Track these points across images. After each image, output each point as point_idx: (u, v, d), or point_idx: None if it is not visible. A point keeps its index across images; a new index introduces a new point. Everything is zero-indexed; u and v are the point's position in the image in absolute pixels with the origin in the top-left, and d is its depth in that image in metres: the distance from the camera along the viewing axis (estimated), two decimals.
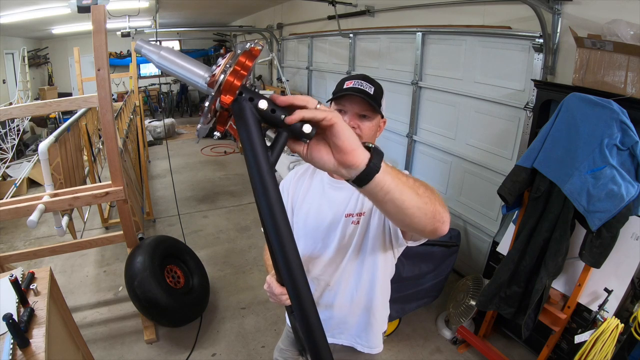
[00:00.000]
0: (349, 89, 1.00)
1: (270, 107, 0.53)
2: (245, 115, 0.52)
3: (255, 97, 0.52)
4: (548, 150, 1.82)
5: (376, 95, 1.01)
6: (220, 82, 0.50)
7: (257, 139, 0.52)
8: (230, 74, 0.50)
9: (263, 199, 0.52)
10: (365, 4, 3.87)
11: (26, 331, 1.16)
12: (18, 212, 1.94)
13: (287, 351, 1.34)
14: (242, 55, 0.52)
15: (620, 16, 1.75)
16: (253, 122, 0.52)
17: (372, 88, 1.01)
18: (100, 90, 1.91)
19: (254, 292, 2.90)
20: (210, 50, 10.83)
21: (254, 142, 0.52)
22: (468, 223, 2.98)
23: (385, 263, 1.11)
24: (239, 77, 0.50)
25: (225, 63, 0.52)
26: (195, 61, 0.56)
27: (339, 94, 1.01)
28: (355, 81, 1.02)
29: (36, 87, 7.90)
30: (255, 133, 0.52)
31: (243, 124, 0.52)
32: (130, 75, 5.05)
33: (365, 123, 1.01)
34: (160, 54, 0.56)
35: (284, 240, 0.52)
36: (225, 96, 0.51)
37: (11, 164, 5.09)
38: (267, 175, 0.52)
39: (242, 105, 0.52)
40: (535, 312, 1.90)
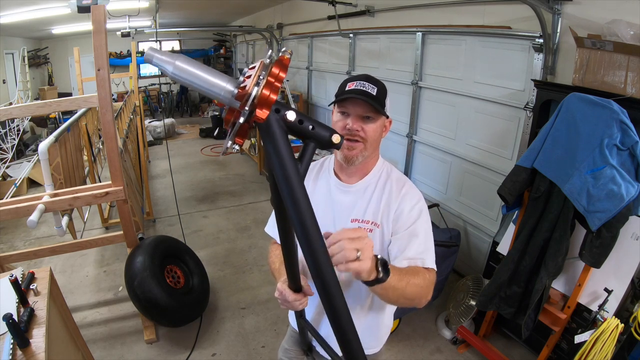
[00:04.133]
0: (352, 91, 0.98)
1: (298, 118, 0.51)
2: (273, 128, 0.50)
3: (281, 108, 0.50)
4: (548, 150, 1.82)
5: (379, 96, 0.99)
6: (255, 95, 0.47)
7: (286, 152, 0.50)
8: (265, 87, 0.47)
9: (294, 211, 0.52)
10: (365, 4, 3.87)
11: (26, 331, 1.16)
12: (18, 212, 1.94)
13: (291, 351, 1.34)
14: (275, 65, 0.48)
15: (620, 16, 1.75)
16: (280, 134, 0.50)
17: (375, 89, 0.99)
18: (100, 90, 1.91)
19: (254, 292, 2.90)
20: (210, 50, 10.84)
21: (283, 156, 0.50)
22: (468, 223, 2.98)
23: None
24: (274, 90, 0.47)
25: (258, 75, 0.48)
26: (215, 71, 0.52)
27: (341, 97, 0.99)
28: (357, 82, 1.00)
29: (36, 87, 7.90)
30: (283, 146, 0.50)
31: (270, 137, 0.50)
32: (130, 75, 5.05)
33: (369, 125, 1.00)
34: (176, 65, 0.49)
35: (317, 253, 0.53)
36: (261, 110, 0.47)
37: (11, 164, 5.09)
38: (298, 187, 0.52)
39: (269, 117, 0.49)
40: (535, 312, 1.90)
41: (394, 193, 1.04)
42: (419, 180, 3.51)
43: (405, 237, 0.99)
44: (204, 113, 9.90)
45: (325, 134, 0.54)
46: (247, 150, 6.19)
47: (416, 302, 0.93)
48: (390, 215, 1.02)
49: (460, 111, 2.95)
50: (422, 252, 0.98)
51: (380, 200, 1.04)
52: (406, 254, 0.97)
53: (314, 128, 0.53)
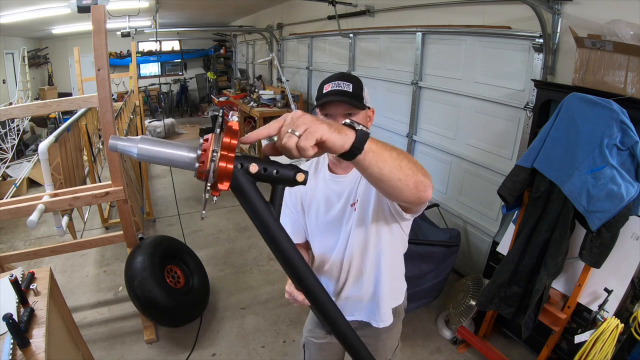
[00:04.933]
0: (329, 94, 1.03)
1: (261, 168, 0.55)
2: (241, 183, 0.54)
3: (244, 162, 0.54)
4: (548, 150, 1.82)
5: (355, 92, 1.03)
6: (213, 170, 0.50)
7: (256, 201, 0.55)
8: (221, 160, 0.50)
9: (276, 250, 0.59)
10: (365, 4, 3.87)
11: (26, 331, 1.16)
12: (18, 212, 1.94)
13: (315, 331, 1.42)
14: (225, 134, 0.51)
15: (620, 16, 1.75)
16: (249, 186, 0.54)
17: (350, 85, 1.03)
18: (100, 90, 1.91)
19: (254, 292, 2.90)
20: (210, 50, 10.83)
21: (255, 205, 0.55)
22: (468, 223, 2.98)
23: (392, 237, 1.15)
24: (229, 161, 0.50)
25: (210, 149, 0.50)
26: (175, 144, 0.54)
27: (320, 101, 1.04)
28: (332, 83, 1.04)
29: (36, 87, 7.90)
30: (253, 196, 0.55)
31: (239, 191, 0.54)
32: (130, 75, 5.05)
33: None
34: (139, 147, 0.52)
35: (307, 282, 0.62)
36: (222, 184, 0.51)
37: (11, 164, 5.09)
38: (275, 228, 0.58)
39: (235, 174, 0.53)
40: (535, 312, 1.90)
41: None
42: None
43: None
44: (204, 113, 9.90)
45: (290, 174, 0.57)
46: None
47: (416, 185, 0.74)
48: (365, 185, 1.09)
49: (460, 111, 2.94)
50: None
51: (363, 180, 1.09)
52: None
53: (278, 172, 0.56)
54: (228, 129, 0.52)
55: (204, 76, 10.65)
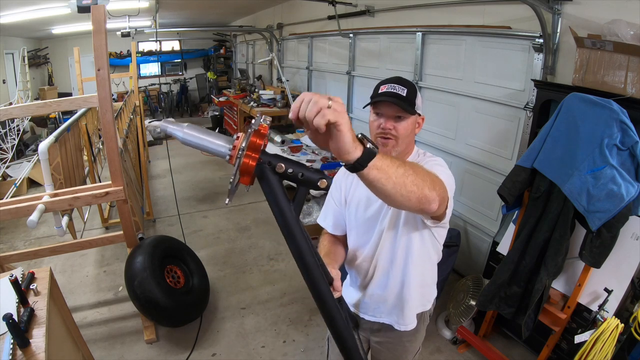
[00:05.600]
0: (383, 94, 1.09)
1: (287, 168, 0.60)
2: (268, 178, 0.60)
3: (273, 160, 0.60)
4: (548, 150, 1.82)
5: (409, 97, 1.08)
6: (237, 165, 0.57)
7: (280, 197, 0.60)
8: (245, 157, 0.57)
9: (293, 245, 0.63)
10: (365, 4, 3.87)
11: (26, 331, 1.16)
12: (18, 212, 1.94)
13: None
14: (253, 135, 0.58)
15: (620, 16, 1.75)
16: (275, 182, 0.60)
17: (405, 90, 1.09)
18: (100, 90, 1.91)
19: (254, 292, 2.90)
20: (210, 50, 10.84)
21: (278, 200, 0.60)
22: (468, 223, 2.98)
23: (423, 243, 1.18)
24: (252, 159, 0.57)
25: (239, 146, 0.58)
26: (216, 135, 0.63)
27: (374, 99, 1.10)
28: (389, 85, 1.10)
29: (36, 87, 7.90)
30: (278, 192, 0.60)
31: (266, 186, 0.60)
32: (130, 75, 5.05)
33: (400, 124, 1.10)
34: (184, 131, 0.63)
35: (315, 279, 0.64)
36: (244, 177, 0.59)
37: (11, 164, 5.09)
38: (293, 224, 0.61)
39: (263, 171, 0.60)
40: (535, 312, 1.90)
41: (421, 161, 1.15)
42: None
43: None
44: (204, 113, 9.90)
45: (314, 178, 0.62)
46: None
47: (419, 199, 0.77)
48: None
49: (461, 111, 2.94)
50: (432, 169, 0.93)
51: None
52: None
53: (302, 175, 0.61)
54: (257, 131, 0.58)
55: (204, 76, 10.65)
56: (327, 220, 1.34)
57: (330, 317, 0.71)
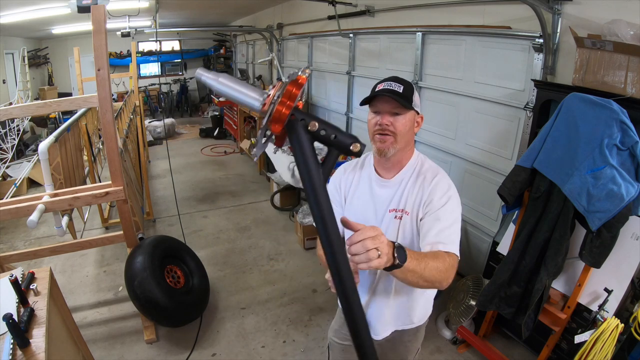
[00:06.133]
0: (380, 91, 1.09)
1: (320, 128, 0.58)
2: (299, 135, 0.57)
3: (307, 118, 0.58)
4: (548, 150, 1.82)
5: (406, 93, 1.08)
6: (270, 112, 0.55)
7: (310, 157, 0.57)
8: (279, 104, 0.55)
9: (316, 208, 0.59)
10: (365, 4, 3.87)
11: (26, 331, 1.16)
12: (18, 212, 1.94)
13: (341, 331, 1.43)
14: (290, 84, 0.56)
15: (620, 16, 1.75)
16: (305, 140, 0.57)
17: (402, 87, 1.09)
18: (100, 90, 1.91)
19: (254, 292, 2.90)
20: (210, 50, 10.84)
21: (307, 160, 0.57)
22: (468, 223, 2.98)
23: None
24: (287, 107, 0.55)
25: (274, 94, 0.56)
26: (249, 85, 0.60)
27: (370, 95, 1.11)
28: (385, 83, 1.11)
29: (36, 87, 7.90)
30: (308, 151, 0.57)
31: (297, 142, 0.58)
32: (130, 75, 5.06)
33: (398, 119, 1.09)
34: (219, 80, 0.60)
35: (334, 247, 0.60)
36: (275, 125, 0.55)
37: (11, 164, 5.09)
38: (319, 188, 0.58)
39: (295, 127, 0.57)
40: (535, 312, 1.90)
41: (427, 182, 1.14)
42: None
43: (430, 222, 1.09)
44: (204, 113, 9.90)
45: (347, 142, 0.60)
46: (247, 150, 6.19)
47: (437, 284, 0.99)
48: (423, 203, 1.12)
49: (461, 111, 2.94)
50: (444, 237, 1.05)
51: (413, 190, 1.14)
52: (428, 237, 1.06)
53: (336, 137, 0.60)
54: (294, 80, 0.56)
55: None
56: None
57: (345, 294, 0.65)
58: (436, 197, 1.10)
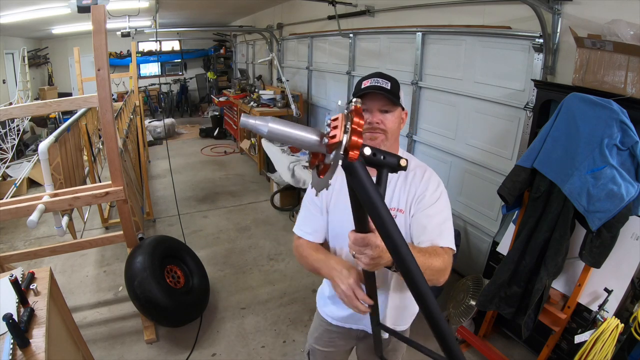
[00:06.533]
0: (368, 88, 1.06)
1: (372, 152, 0.63)
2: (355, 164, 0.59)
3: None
4: (548, 150, 1.82)
5: (393, 90, 1.07)
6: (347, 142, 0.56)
7: (367, 181, 0.60)
8: (354, 134, 0.56)
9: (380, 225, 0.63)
10: (365, 4, 3.87)
11: (26, 331, 1.16)
12: (18, 212, 1.94)
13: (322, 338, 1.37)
14: (355, 115, 0.57)
15: (620, 16, 1.75)
16: (361, 167, 0.60)
17: (389, 83, 1.07)
18: (100, 90, 1.91)
19: (254, 292, 2.90)
20: (210, 50, 10.83)
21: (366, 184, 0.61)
22: (468, 223, 2.98)
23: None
24: (359, 135, 0.56)
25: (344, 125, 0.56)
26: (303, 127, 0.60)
27: (359, 93, 1.07)
28: (372, 79, 1.08)
29: (36, 87, 7.90)
30: (365, 176, 0.60)
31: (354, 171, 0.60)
32: (130, 75, 5.05)
33: (387, 117, 1.08)
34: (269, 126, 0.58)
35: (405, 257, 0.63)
36: (353, 152, 0.57)
37: (11, 164, 5.09)
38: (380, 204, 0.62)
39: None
40: (535, 312, 1.90)
41: (417, 179, 1.13)
42: None
43: (425, 217, 1.09)
44: (204, 113, 9.90)
45: (394, 160, 0.66)
46: (247, 150, 6.19)
47: (434, 282, 1.01)
48: (414, 200, 1.12)
49: (460, 111, 2.94)
50: (441, 232, 1.07)
51: (404, 188, 1.13)
52: (426, 233, 1.07)
53: (384, 158, 0.65)
54: (355, 110, 0.57)
55: (204, 76, 10.65)
56: (306, 228, 1.22)
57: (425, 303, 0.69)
58: (429, 193, 1.11)
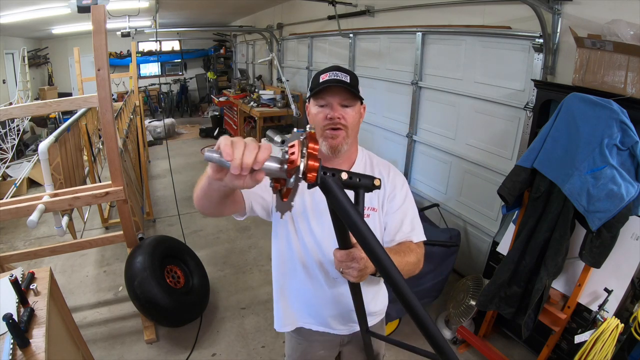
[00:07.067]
0: (327, 82, 1.02)
1: (348, 177, 0.68)
2: (333, 188, 0.65)
3: (336, 172, 0.67)
4: (548, 150, 1.82)
5: (353, 83, 1.04)
6: (305, 166, 0.61)
7: (346, 202, 0.66)
8: (310, 158, 0.61)
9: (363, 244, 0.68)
10: (365, 4, 3.87)
11: (26, 331, 1.16)
12: (18, 212, 1.94)
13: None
14: (310, 140, 0.63)
15: (620, 16, 1.75)
16: (338, 190, 0.66)
17: (348, 77, 1.04)
18: (100, 90, 1.91)
19: (254, 292, 2.90)
20: (210, 50, 10.83)
21: (345, 205, 0.66)
22: (468, 223, 2.98)
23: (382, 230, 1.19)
24: (315, 159, 0.62)
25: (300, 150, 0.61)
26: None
27: (318, 87, 1.03)
28: (330, 73, 1.04)
29: (36, 87, 7.90)
30: (344, 198, 0.66)
31: (333, 194, 0.66)
32: (130, 75, 5.05)
33: (348, 112, 1.04)
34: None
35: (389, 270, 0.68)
36: (311, 174, 0.62)
37: (11, 164, 5.09)
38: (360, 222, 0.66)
39: (326, 181, 0.65)
40: (535, 312, 1.90)
41: (384, 178, 1.13)
42: (419, 180, 3.51)
43: (399, 215, 1.12)
44: (204, 113, 9.90)
45: (369, 182, 0.71)
46: None
47: (410, 274, 1.06)
48: (386, 199, 1.12)
49: (460, 111, 2.94)
50: (411, 229, 1.12)
51: None
52: (402, 230, 1.11)
53: (360, 180, 0.70)
54: (311, 136, 0.63)
55: (204, 76, 10.65)
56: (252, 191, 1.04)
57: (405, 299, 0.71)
58: (397, 190, 1.12)
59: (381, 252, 0.68)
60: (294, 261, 1.16)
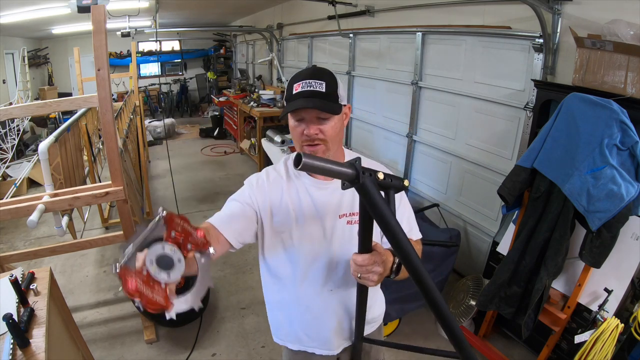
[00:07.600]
0: (299, 95, 0.92)
1: (385, 177, 0.71)
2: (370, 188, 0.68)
3: (372, 172, 0.69)
4: (548, 150, 1.82)
5: (329, 91, 0.93)
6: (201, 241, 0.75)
7: (381, 201, 0.69)
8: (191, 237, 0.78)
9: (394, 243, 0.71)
10: (365, 4, 3.87)
11: (26, 331, 1.16)
12: (18, 212, 1.94)
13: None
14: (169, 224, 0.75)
15: (620, 16, 1.75)
16: (374, 190, 0.68)
17: (323, 83, 0.93)
18: (100, 90, 1.90)
19: (254, 292, 2.90)
20: (210, 50, 10.83)
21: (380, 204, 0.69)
22: (468, 223, 2.98)
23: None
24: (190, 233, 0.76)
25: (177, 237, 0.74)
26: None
27: (291, 108, 0.93)
28: (303, 82, 0.93)
29: (36, 87, 7.90)
30: (379, 198, 0.68)
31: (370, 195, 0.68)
32: (130, 75, 5.06)
33: (326, 125, 0.95)
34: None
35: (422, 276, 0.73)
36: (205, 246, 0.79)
37: (11, 164, 5.09)
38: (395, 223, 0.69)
39: (366, 181, 0.67)
40: (535, 312, 1.90)
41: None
42: (418, 180, 3.51)
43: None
44: (204, 113, 9.90)
45: (399, 183, 0.75)
46: (247, 150, 6.19)
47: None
48: None
49: (460, 111, 2.94)
50: (410, 229, 1.14)
51: None
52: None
53: (392, 180, 0.73)
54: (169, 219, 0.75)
55: (204, 76, 10.65)
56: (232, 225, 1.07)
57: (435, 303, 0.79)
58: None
59: (414, 256, 0.70)
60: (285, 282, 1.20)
